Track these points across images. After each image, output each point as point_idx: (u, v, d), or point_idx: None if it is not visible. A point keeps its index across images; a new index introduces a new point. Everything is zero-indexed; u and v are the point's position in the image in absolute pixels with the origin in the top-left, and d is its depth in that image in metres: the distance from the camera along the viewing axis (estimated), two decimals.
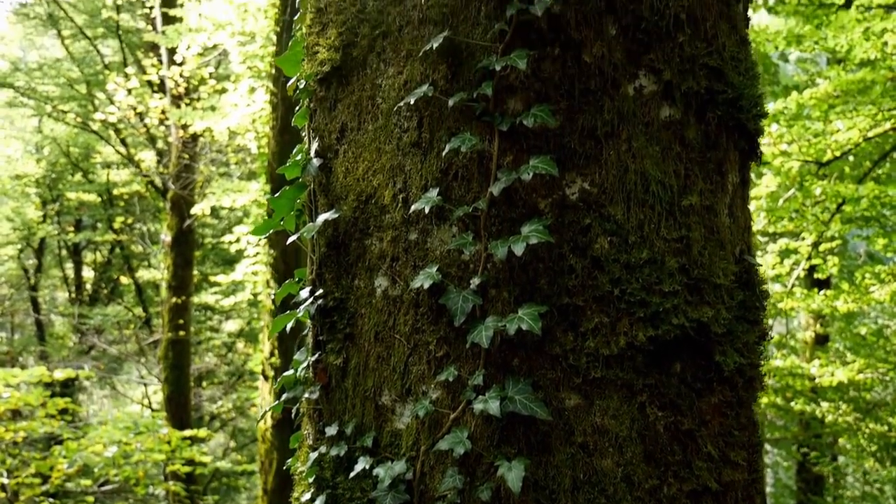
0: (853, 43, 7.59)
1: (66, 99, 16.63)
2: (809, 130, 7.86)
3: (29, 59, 19.52)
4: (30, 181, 18.85)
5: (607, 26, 1.51)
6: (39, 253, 19.90)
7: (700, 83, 1.55)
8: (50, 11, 16.54)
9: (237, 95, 10.56)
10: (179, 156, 12.41)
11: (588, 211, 1.48)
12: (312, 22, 1.74)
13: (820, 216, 8.27)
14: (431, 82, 1.53)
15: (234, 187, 10.66)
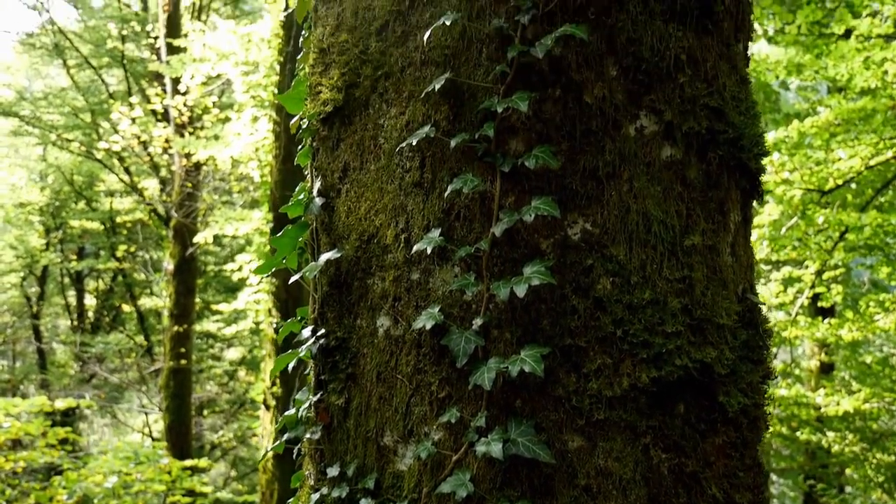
0: (853, 72, 7.64)
1: (70, 128, 16.74)
2: (811, 159, 7.88)
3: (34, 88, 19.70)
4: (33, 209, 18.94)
5: (608, 67, 1.52)
6: (42, 281, 19.92)
7: (701, 123, 1.56)
8: (56, 41, 16.71)
9: (240, 124, 10.63)
10: (182, 184, 12.46)
11: (590, 251, 1.48)
12: (315, 62, 1.75)
13: (823, 245, 8.26)
14: (433, 123, 1.54)
15: (236, 216, 10.69)
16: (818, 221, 8.26)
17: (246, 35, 10.38)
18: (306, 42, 1.86)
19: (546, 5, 1.50)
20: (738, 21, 1.68)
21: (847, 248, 8.38)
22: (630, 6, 1.52)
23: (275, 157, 9.64)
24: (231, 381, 17.24)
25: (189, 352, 12.61)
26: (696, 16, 1.58)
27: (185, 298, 12.54)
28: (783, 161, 8.18)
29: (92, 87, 17.05)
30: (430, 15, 1.57)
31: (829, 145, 8.06)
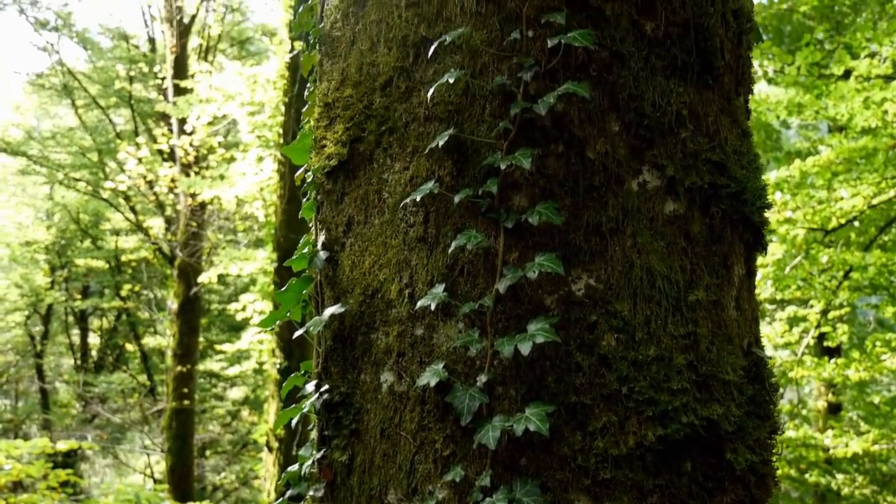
0: (854, 112, 7.69)
1: (77, 167, 16.88)
2: (813, 198, 7.89)
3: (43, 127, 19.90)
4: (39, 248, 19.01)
5: (610, 123, 1.53)
6: (46, 319, 19.92)
7: (703, 178, 1.56)
8: (65, 82, 16.92)
9: (245, 164, 10.71)
10: (187, 223, 12.51)
11: (594, 307, 1.48)
12: (320, 116, 1.77)
13: (827, 284, 8.24)
14: (437, 178, 1.55)
15: (241, 255, 10.72)
16: (822, 261, 8.25)
17: (252, 76, 10.51)
18: (311, 96, 1.88)
19: (548, 62, 1.52)
20: (739, 75, 1.70)
21: (852, 288, 8.35)
22: (631, 63, 1.54)
23: (279, 197, 9.70)
24: (234, 420, 17.12)
25: (192, 392, 12.55)
26: (697, 71, 1.60)
27: (189, 338, 12.52)
28: (785, 200, 8.20)
29: (99, 126, 17.23)
30: (433, 71, 1.58)
31: (831, 184, 8.08)
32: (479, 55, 1.55)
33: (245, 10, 16.42)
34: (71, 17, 16.75)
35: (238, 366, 13.45)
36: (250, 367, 12.85)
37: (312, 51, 1.87)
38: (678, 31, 1.58)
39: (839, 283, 8.47)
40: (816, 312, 9.15)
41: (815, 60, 7.20)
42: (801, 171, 8.11)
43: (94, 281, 18.93)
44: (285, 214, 9.27)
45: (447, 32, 1.56)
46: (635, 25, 1.55)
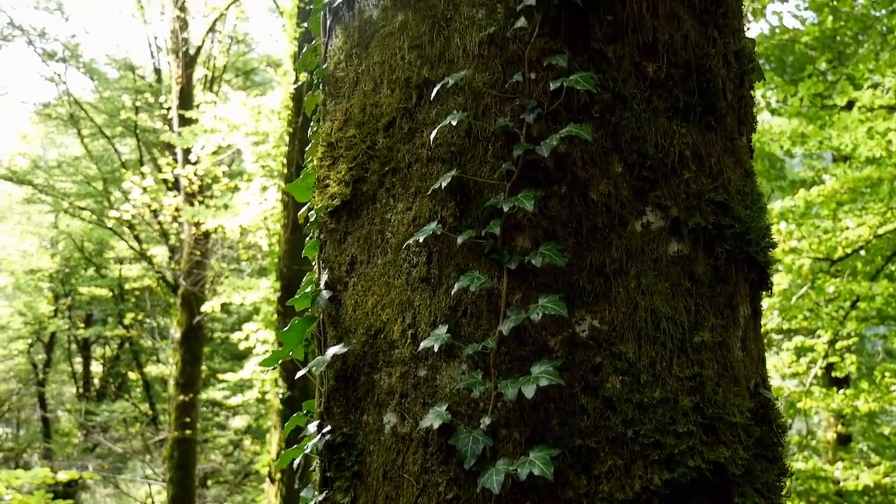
0: (857, 142, 7.71)
1: (82, 195, 16.97)
2: (819, 228, 7.88)
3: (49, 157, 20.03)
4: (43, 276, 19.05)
5: (613, 164, 1.53)
6: (49, 348, 19.89)
7: (707, 219, 1.56)
8: (71, 112, 17.05)
9: (249, 194, 10.75)
10: (191, 252, 12.53)
11: (599, 349, 1.47)
12: (324, 155, 1.77)
13: (835, 315, 8.19)
14: (440, 219, 1.55)
15: (244, 284, 10.72)
16: (828, 291, 8.22)
17: (256, 107, 10.59)
18: (314, 135, 1.89)
19: (551, 104, 1.52)
20: (741, 115, 1.70)
21: (859, 318, 8.31)
22: (634, 104, 1.54)
23: (283, 227, 9.71)
24: (236, 450, 17.01)
25: (194, 421, 12.48)
26: (700, 112, 1.60)
27: (192, 367, 12.47)
28: (790, 230, 8.19)
29: (105, 155, 17.34)
30: (436, 113, 1.59)
31: (836, 214, 8.07)
32: (481, 97, 1.56)
33: (250, 42, 16.59)
34: (78, 49, 16.95)
35: (241, 395, 13.38)
36: (253, 396, 12.79)
37: (316, 90, 1.88)
38: (680, 72, 1.59)
39: (846, 313, 8.42)
40: (824, 342, 9.09)
41: (817, 91, 7.23)
42: (805, 200, 8.11)
43: (97, 309, 18.94)
44: (289, 244, 9.28)
45: (450, 74, 1.57)
46: (637, 67, 1.56)
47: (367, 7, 1.73)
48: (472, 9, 1.59)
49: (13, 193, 19.75)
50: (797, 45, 11.12)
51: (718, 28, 1.66)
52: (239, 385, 14.00)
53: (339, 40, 1.80)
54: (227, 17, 14.53)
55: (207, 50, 14.47)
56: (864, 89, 7.23)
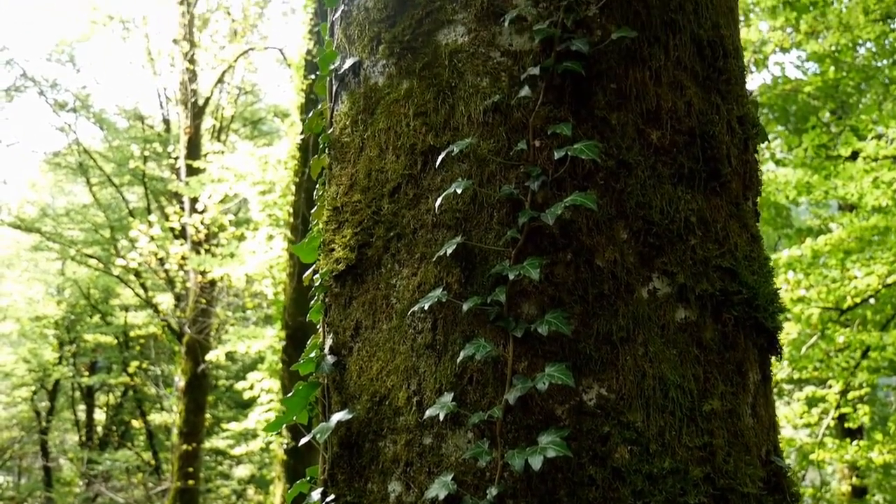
0: (863, 191, 7.72)
1: (89, 243, 17.05)
2: (827, 277, 7.85)
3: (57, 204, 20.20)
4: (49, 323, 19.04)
5: (618, 231, 1.53)
6: (53, 395, 19.79)
7: (714, 285, 1.55)
8: (80, 161, 17.24)
9: (255, 243, 10.78)
10: (197, 300, 12.53)
11: (606, 418, 1.45)
12: (329, 219, 1.78)
13: (845, 365, 8.11)
14: (445, 286, 1.54)
15: (249, 333, 10.69)
16: (839, 341, 8.15)
17: (263, 157, 10.69)
18: (320, 199, 1.89)
19: (555, 171, 1.53)
20: (746, 179, 1.71)
21: (870, 369, 8.22)
22: (638, 171, 1.55)
23: (288, 276, 9.73)
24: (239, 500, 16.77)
25: (197, 471, 12.34)
26: (704, 178, 1.60)
27: (195, 416, 12.38)
28: (798, 279, 8.16)
29: (113, 203, 17.48)
30: (441, 179, 1.59)
31: (844, 264, 8.04)
32: (486, 164, 1.56)
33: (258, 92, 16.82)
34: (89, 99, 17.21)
35: (245, 444, 13.25)
36: (257, 446, 12.65)
37: (322, 155, 1.90)
38: (684, 139, 1.60)
39: (857, 363, 8.34)
40: (836, 393, 8.99)
41: (821, 142, 7.28)
42: (812, 249, 8.09)
43: (102, 356, 18.89)
44: (294, 293, 9.28)
45: (455, 141, 1.58)
46: (641, 134, 1.57)
47: (373, 74, 1.75)
48: (476, 77, 1.61)
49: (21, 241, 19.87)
50: (800, 94, 11.22)
51: (721, 94, 1.67)
52: (243, 434, 13.86)
53: (344, 106, 1.82)
54: (235, 69, 14.77)
55: (216, 100, 14.68)
56: (868, 140, 7.27)
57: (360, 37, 1.81)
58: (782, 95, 11.35)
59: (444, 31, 1.66)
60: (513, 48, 1.61)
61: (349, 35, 1.85)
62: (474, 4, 1.64)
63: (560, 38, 1.56)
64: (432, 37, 1.67)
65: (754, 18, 9.08)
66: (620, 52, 1.59)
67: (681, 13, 1.66)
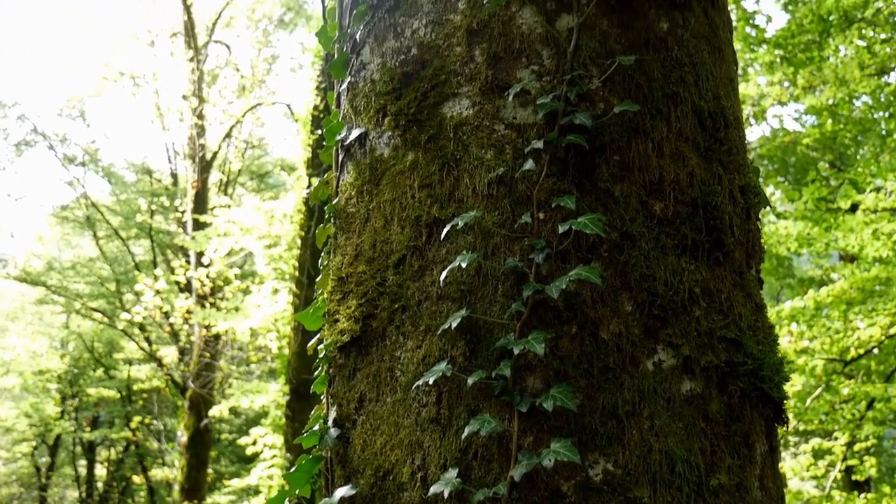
0: (864, 243, 7.74)
1: (95, 296, 17.08)
2: (830, 329, 7.83)
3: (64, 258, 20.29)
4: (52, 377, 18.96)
5: (623, 303, 1.53)
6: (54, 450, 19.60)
7: (719, 356, 1.55)
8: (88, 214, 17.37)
9: (260, 296, 10.80)
10: (201, 354, 12.49)
11: (613, 494, 1.43)
12: (334, 289, 1.78)
13: (851, 417, 8.03)
14: (450, 359, 1.54)
15: (253, 388, 10.63)
16: (843, 392, 8.08)
17: (269, 211, 10.77)
18: (325, 269, 1.91)
19: (559, 244, 1.54)
20: (749, 248, 1.71)
21: (876, 421, 8.13)
22: (642, 243, 1.56)
23: (293, 330, 9.71)
24: None
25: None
26: (708, 249, 1.61)
27: (198, 472, 12.23)
28: (801, 331, 8.13)
29: (119, 257, 17.56)
30: (446, 251, 1.61)
31: (846, 315, 8.02)
32: (490, 236, 1.58)
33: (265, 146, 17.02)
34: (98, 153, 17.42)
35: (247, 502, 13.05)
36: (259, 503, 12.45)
37: (327, 224, 1.91)
38: (687, 210, 1.61)
39: (862, 415, 8.26)
40: (842, 445, 8.88)
41: (821, 195, 7.32)
42: (815, 301, 8.08)
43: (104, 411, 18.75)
44: (299, 347, 9.25)
45: (459, 213, 1.60)
46: (644, 206, 1.58)
47: (379, 146, 1.78)
48: (480, 150, 1.64)
49: (26, 294, 19.92)
50: (799, 146, 11.33)
51: (723, 165, 1.69)
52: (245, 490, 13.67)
53: (350, 176, 1.84)
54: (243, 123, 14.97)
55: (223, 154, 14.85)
56: (867, 192, 7.31)
57: (366, 108, 1.84)
58: (781, 147, 11.46)
59: (449, 104, 1.69)
60: (517, 121, 1.64)
61: (355, 106, 1.88)
62: (479, 78, 1.68)
63: (563, 112, 1.59)
64: (437, 109, 1.70)
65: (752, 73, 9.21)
66: (623, 124, 1.62)
67: (682, 85, 1.69)
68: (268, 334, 10.99)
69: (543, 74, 1.64)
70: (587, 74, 1.63)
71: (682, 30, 1.73)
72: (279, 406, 10.20)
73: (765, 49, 8.51)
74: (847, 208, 7.78)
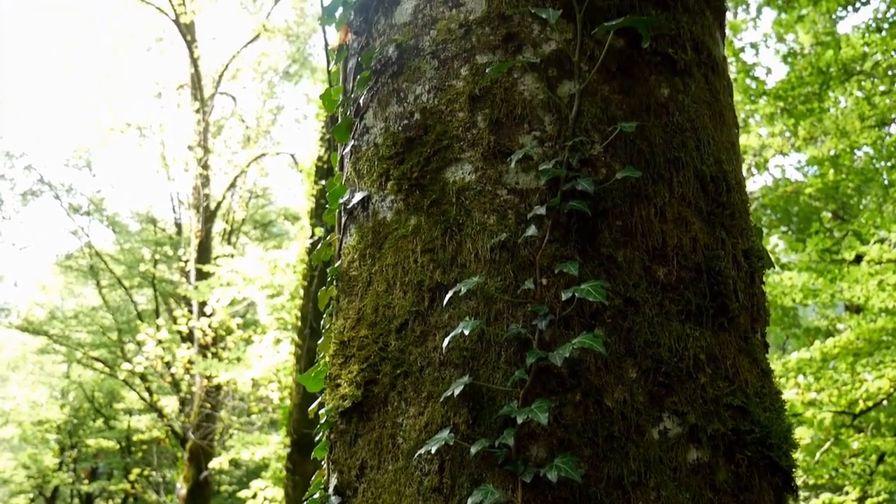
0: (869, 294, 7.71)
1: (96, 346, 17.02)
2: (837, 381, 7.75)
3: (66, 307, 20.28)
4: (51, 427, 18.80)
5: (627, 370, 1.51)
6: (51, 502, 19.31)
7: (726, 424, 1.52)
8: (92, 263, 17.41)
9: (262, 346, 10.75)
10: (202, 405, 12.39)
11: None
12: (335, 353, 1.77)
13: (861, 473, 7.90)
14: (453, 426, 1.52)
15: (253, 440, 10.52)
16: (853, 446, 7.97)
17: (273, 261, 10.78)
18: (327, 332, 1.90)
19: (563, 310, 1.53)
20: (754, 313, 1.70)
21: (888, 475, 8.00)
22: (646, 308, 1.55)
23: (295, 381, 9.64)
24: None
25: None
26: (712, 314, 1.60)
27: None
28: (808, 383, 8.05)
29: (122, 306, 17.54)
30: (448, 316, 1.60)
31: (853, 367, 7.95)
32: (493, 301, 1.57)
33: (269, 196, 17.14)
34: (103, 203, 17.54)
35: None
36: None
37: (330, 286, 1.91)
38: (691, 275, 1.60)
39: (873, 469, 8.12)
40: (853, 500, 8.71)
41: (825, 247, 7.33)
42: (822, 352, 8.02)
43: (103, 462, 18.53)
44: (300, 399, 9.17)
45: (462, 278, 1.59)
46: (648, 271, 1.58)
47: (382, 209, 1.78)
48: (483, 215, 1.64)
49: (28, 343, 19.86)
50: (801, 196, 11.37)
51: (726, 229, 1.69)
52: None
53: (353, 239, 1.84)
54: (248, 173, 15.10)
55: (227, 204, 14.94)
56: (871, 244, 7.31)
57: (369, 172, 1.85)
58: (784, 197, 11.50)
59: (452, 169, 1.70)
60: (519, 186, 1.64)
61: (358, 169, 1.89)
62: (481, 144, 1.69)
63: (565, 178, 1.59)
64: (440, 174, 1.71)
65: (753, 125, 9.30)
66: (625, 189, 1.62)
67: (683, 150, 1.70)
68: (269, 385, 10.91)
69: (545, 140, 1.65)
70: (589, 140, 1.64)
71: (682, 95, 1.75)
72: (280, 458, 10.08)
73: (765, 101, 8.60)
74: (851, 259, 7.77)
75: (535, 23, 1.73)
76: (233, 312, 12.58)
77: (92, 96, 16.98)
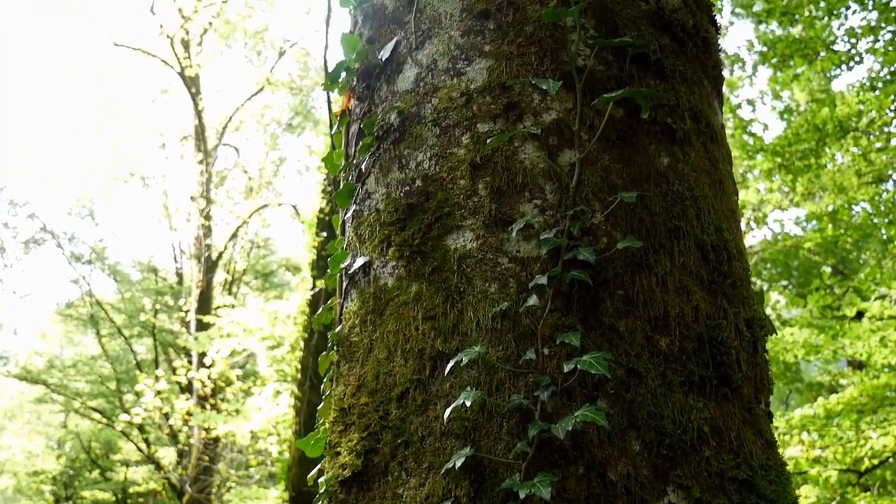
0: (871, 350, 7.68)
1: (94, 395, 16.88)
2: (842, 439, 7.67)
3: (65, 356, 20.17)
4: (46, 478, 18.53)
5: (631, 443, 1.50)
6: None
7: (732, 498, 1.50)
8: (92, 312, 17.36)
9: (262, 399, 10.66)
10: (200, 457, 12.23)
11: None
12: (336, 420, 1.75)
13: None
14: (454, 499, 1.50)
15: (251, 494, 10.35)
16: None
17: (273, 312, 10.76)
18: (327, 398, 1.88)
19: (565, 381, 1.52)
20: (757, 382, 1.69)
21: None
22: (648, 379, 1.54)
23: (294, 433, 9.53)
24: None
25: None
26: (715, 385, 1.59)
27: None
28: (813, 440, 7.96)
29: (121, 355, 17.45)
30: (450, 385, 1.59)
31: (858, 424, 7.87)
32: (495, 371, 1.56)
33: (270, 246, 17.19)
34: (105, 252, 17.59)
35: None
36: None
37: (330, 352, 1.90)
38: (693, 345, 1.60)
39: None
40: None
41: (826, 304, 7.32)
42: (825, 409, 7.95)
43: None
44: (300, 452, 9.06)
45: (463, 347, 1.59)
46: (650, 341, 1.57)
47: (383, 275, 1.78)
48: (484, 283, 1.64)
49: (25, 392, 19.72)
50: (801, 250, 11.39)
51: (728, 298, 1.69)
52: None
53: (354, 304, 1.84)
54: (249, 224, 15.16)
55: (229, 254, 14.97)
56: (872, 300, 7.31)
57: (370, 237, 1.86)
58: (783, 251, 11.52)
59: (453, 237, 1.71)
60: (520, 254, 1.65)
61: (360, 234, 1.90)
62: (482, 211, 1.70)
63: (567, 247, 1.60)
64: (441, 241, 1.71)
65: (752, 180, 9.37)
66: (626, 259, 1.63)
67: (684, 219, 1.71)
68: (268, 438, 10.79)
69: (546, 208, 1.66)
70: (590, 209, 1.65)
71: (682, 164, 1.76)
72: None
73: (763, 157, 8.68)
74: (853, 316, 7.75)
75: (536, 92, 1.76)
76: (233, 363, 12.51)
77: (97, 148, 17.16)
